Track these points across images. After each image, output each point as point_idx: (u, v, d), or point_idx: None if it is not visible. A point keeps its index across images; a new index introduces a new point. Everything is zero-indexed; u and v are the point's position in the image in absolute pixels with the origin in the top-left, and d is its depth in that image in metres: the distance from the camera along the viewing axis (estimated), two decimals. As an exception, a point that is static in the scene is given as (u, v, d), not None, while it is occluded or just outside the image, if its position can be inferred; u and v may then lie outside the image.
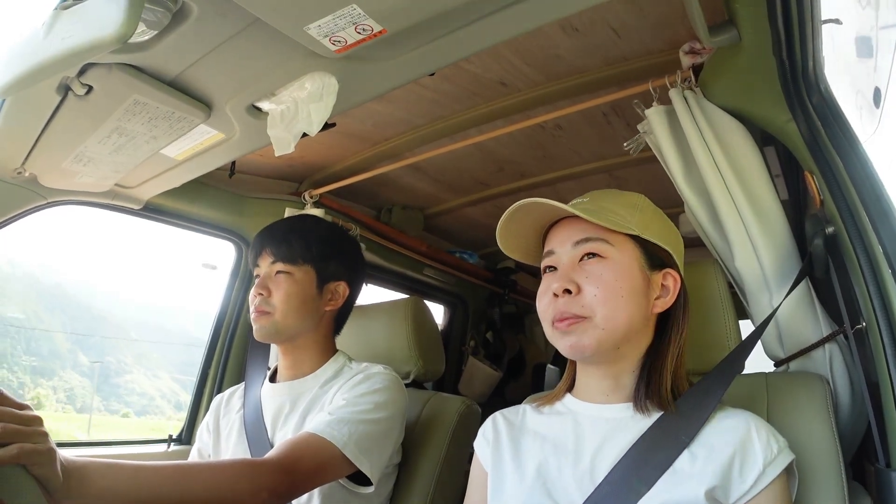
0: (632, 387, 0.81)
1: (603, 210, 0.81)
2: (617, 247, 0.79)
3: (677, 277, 0.82)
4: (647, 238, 0.81)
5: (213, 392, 1.64)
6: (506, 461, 0.85)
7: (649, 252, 0.81)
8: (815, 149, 0.92)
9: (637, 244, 0.81)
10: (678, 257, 0.85)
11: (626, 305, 0.77)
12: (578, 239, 0.81)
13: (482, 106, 1.39)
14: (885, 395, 0.80)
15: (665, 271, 0.82)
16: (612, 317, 0.76)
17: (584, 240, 0.80)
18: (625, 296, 0.77)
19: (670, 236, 0.85)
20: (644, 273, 0.80)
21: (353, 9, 0.71)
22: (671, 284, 0.82)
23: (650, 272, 0.81)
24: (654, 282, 0.81)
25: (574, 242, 0.81)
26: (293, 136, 0.97)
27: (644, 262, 0.80)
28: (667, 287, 0.81)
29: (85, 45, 0.67)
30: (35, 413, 0.69)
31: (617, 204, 0.83)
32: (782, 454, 0.72)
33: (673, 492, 0.70)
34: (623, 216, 0.81)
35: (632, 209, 0.83)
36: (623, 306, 0.77)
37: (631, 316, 0.77)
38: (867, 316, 0.84)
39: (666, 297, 0.81)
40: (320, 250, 1.20)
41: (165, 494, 0.78)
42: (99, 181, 1.25)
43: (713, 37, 0.93)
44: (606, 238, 0.79)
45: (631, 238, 0.81)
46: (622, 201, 0.84)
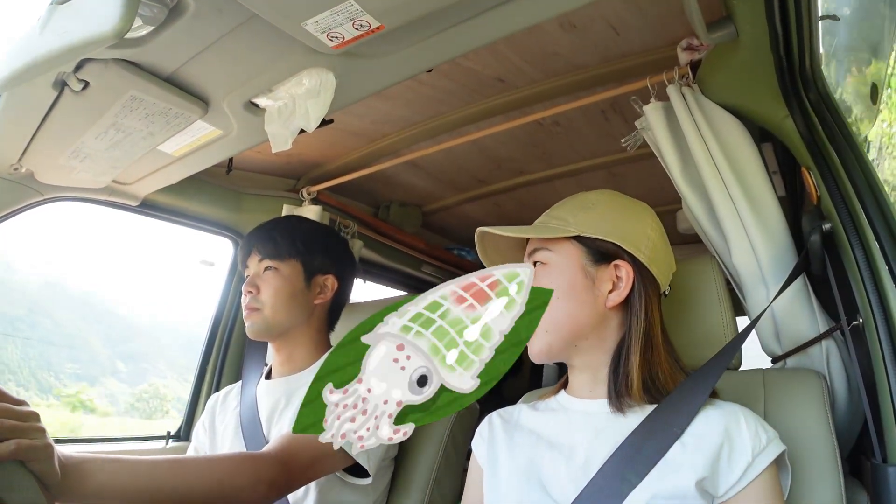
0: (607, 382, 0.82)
1: (550, 220, 0.87)
2: (556, 251, 0.84)
3: (629, 267, 0.82)
4: (587, 235, 0.83)
5: (211, 390, 1.64)
6: (501, 458, 0.86)
7: (593, 249, 0.83)
8: (812, 145, 0.92)
9: (578, 244, 0.83)
10: (637, 246, 0.83)
11: (564, 305, 0.80)
12: (529, 252, 0.87)
13: (480, 103, 1.38)
14: (882, 391, 0.80)
15: (614, 263, 0.82)
16: (552, 318, 0.80)
17: (532, 252, 0.86)
18: (559, 296, 0.79)
19: (625, 228, 0.84)
20: (585, 270, 0.82)
21: (351, 5, 0.71)
22: (623, 275, 0.82)
23: (595, 268, 0.82)
24: (601, 276, 0.82)
25: (527, 256, 0.88)
26: (290, 133, 0.96)
27: (587, 260, 0.82)
28: (619, 278, 0.82)
29: (81, 40, 0.66)
30: (32, 409, 0.69)
31: (565, 209, 0.88)
32: (772, 445, 0.72)
33: (664, 482, 0.71)
34: (565, 220, 0.85)
35: (579, 210, 0.86)
36: (560, 306, 0.80)
37: (572, 314, 0.81)
38: (864, 312, 0.85)
39: (619, 288, 0.82)
40: (305, 244, 1.22)
41: (163, 488, 0.78)
42: (96, 177, 1.24)
43: (711, 33, 0.93)
44: (547, 246, 0.85)
45: (572, 240, 0.84)
46: (572, 204, 0.88)
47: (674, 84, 1.05)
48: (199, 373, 1.69)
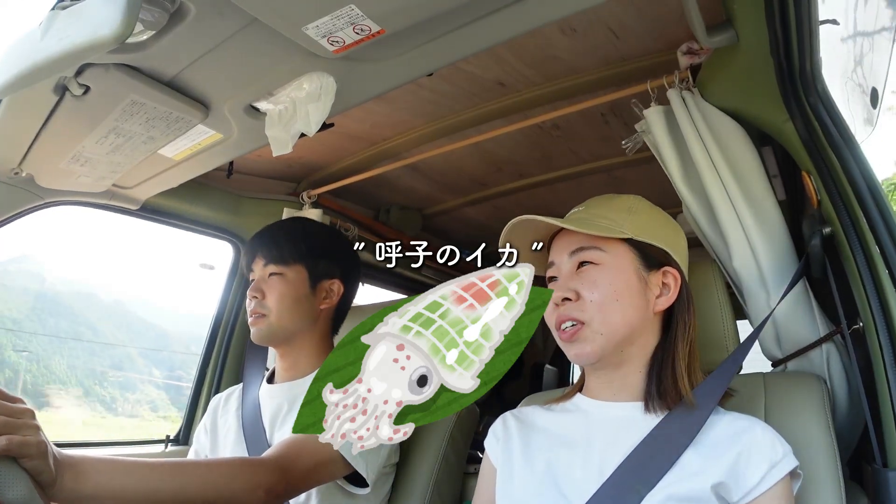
0: (640, 386, 0.82)
1: (595, 218, 0.85)
2: (610, 252, 0.82)
3: (677, 275, 0.83)
4: (641, 240, 0.83)
5: (211, 393, 1.64)
6: (515, 457, 0.86)
7: (645, 253, 0.83)
8: (812, 149, 0.92)
9: (631, 247, 0.83)
10: (678, 255, 0.85)
11: (622, 308, 0.79)
12: (573, 249, 0.84)
13: (480, 106, 1.39)
14: (882, 395, 0.80)
15: (664, 269, 0.83)
16: (609, 321, 0.79)
17: (578, 249, 0.83)
18: (619, 299, 0.79)
19: (668, 235, 0.86)
20: (640, 274, 0.82)
21: (352, 9, 0.71)
22: (671, 282, 0.83)
23: (647, 272, 0.82)
24: (652, 281, 0.82)
25: (570, 252, 0.84)
26: (291, 137, 0.97)
27: (640, 264, 0.82)
28: (667, 285, 0.83)
29: (82, 45, 0.66)
30: (27, 406, 0.69)
31: (610, 209, 0.86)
32: (787, 458, 0.73)
33: (679, 486, 0.72)
34: (615, 221, 0.84)
35: (625, 213, 0.85)
36: (619, 309, 0.79)
37: (628, 318, 0.80)
38: (864, 316, 0.85)
39: (667, 294, 0.83)
40: (310, 249, 1.21)
41: (161, 491, 0.78)
42: (96, 181, 1.24)
43: (711, 37, 0.94)
44: (599, 245, 0.82)
45: (625, 242, 0.83)
46: (616, 206, 0.87)
47: (674, 88, 1.05)
48: (199, 376, 1.69)
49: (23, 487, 0.63)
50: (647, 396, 0.81)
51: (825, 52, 0.91)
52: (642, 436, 0.77)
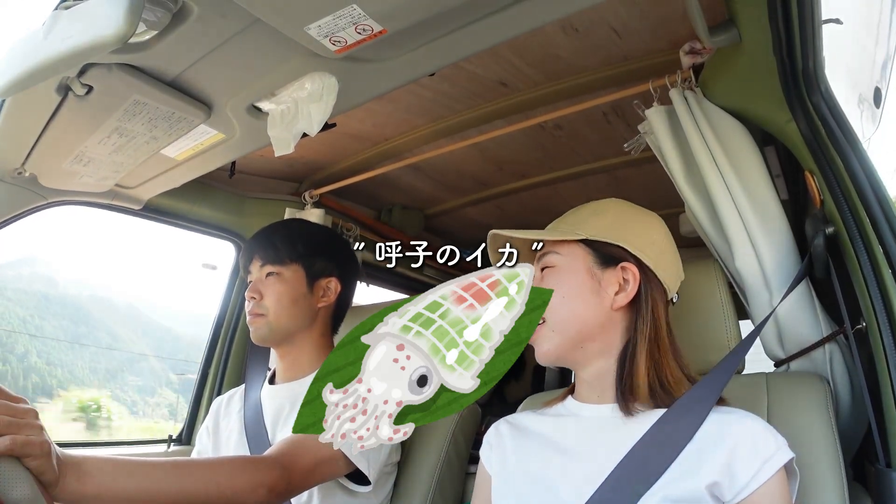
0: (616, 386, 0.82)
1: (559, 225, 0.89)
2: (564, 255, 0.85)
3: (636, 270, 0.83)
4: (595, 239, 0.84)
5: (213, 394, 1.64)
6: (509, 463, 0.86)
7: (600, 252, 0.84)
8: (815, 149, 0.92)
9: (586, 247, 0.85)
10: (644, 251, 0.84)
11: (572, 306, 0.81)
12: (538, 257, 0.88)
13: (482, 106, 1.39)
14: (886, 396, 0.80)
15: (621, 265, 0.83)
16: (560, 319, 0.81)
17: (541, 256, 0.87)
18: (566, 296, 0.81)
19: (633, 232, 0.85)
20: (592, 272, 0.83)
21: (354, 9, 0.72)
22: (630, 278, 0.83)
23: (602, 270, 0.83)
24: (608, 279, 0.83)
25: (536, 260, 0.88)
26: (293, 137, 0.97)
27: (593, 262, 0.84)
28: (626, 281, 0.83)
29: (85, 45, 0.67)
30: (30, 406, 0.69)
31: (577, 217, 0.89)
32: (780, 451, 0.72)
33: (674, 487, 0.71)
34: (576, 224, 0.86)
35: (590, 216, 0.88)
36: (568, 307, 0.81)
37: (579, 315, 0.81)
38: (867, 316, 0.84)
39: (626, 290, 0.82)
40: (306, 248, 1.21)
41: (163, 490, 0.78)
42: (99, 181, 1.25)
43: (713, 37, 0.93)
44: (554, 249, 0.86)
45: (580, 243, 0.85)
46: (584, 211, 0.90)
47: (676, 88, 1.05)
48: (201, 376, 1.69)
49: (26, 487, 0.63)
50: (617, 396, 0.81)
51: (828, 52, 0.91)
52: (635, 437, 0.76)
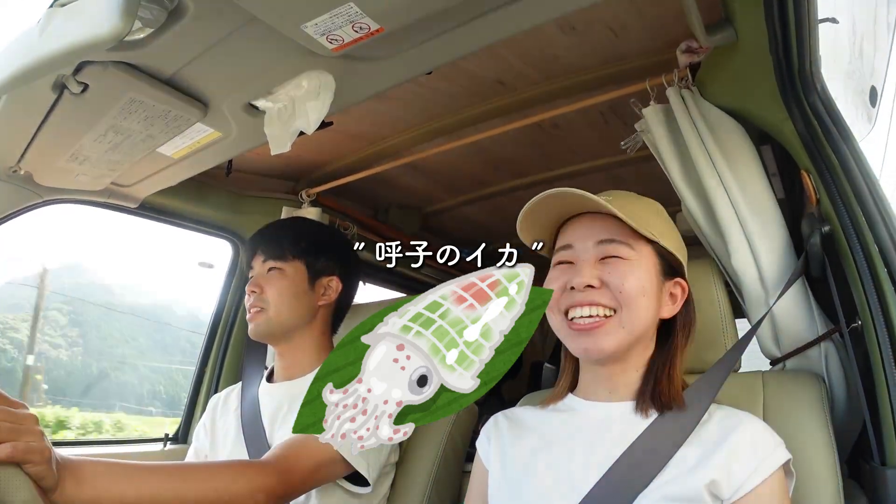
0: (635, 386, 0.82)
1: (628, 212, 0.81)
2: (637, 251, 0.81)
3: (685, 286, 0.84)
4: (663, 245, 0.82)
5: (210, 391, 1.64)
6: (507, 458, 0.86)
7: (665, 260, 0.83)
8: (811, 147, 0.92)
9: (655, 251, 0.82)
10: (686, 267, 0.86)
11: (647, 306, 0.79)
12: (602, 238, 0.81)
13: (480, 105, 1.38)
14: (880, 394, 0.80)
15: (675, 280, 0.84)
16: (634, 317, 0.78)
17: (607, 240, 0.81)
18: (645, 297, 0.79)
19: (680, 246, 0.87)
20: (659, 279, 0.82)
21: (351, 7, 0.71)
22: (679, 293, 0.84)
23: (664, 279, 0.83)
24: (665, 288, 0.83)
25: (597, 241, 0.81)
26: (290, 135, 0.96)
27: (660, 269, 0.82)
28: (674, 295, 0.83)
29: (81, 43, 0.66)
30: (30, 412, 0.69)
31: (639, 208, 0.85)
32: (778, 451, 0.73)
33: (673, 485, 0.71)
34: (645, 220, 0.81)
35: (654, 216, 0.86)
36: (643, 307, 0.79)
37: (648, 317, 0.80)
38: (863, 314, 0.85)
39: (672, 304, 0.83)
40: (309, 245, 1.22)
41: (162, 494, 0.78)
42: (95, 180, 1.24)
43: (710, 36, 0.94)
44: (629, 242, 0.80)
45: (650, 244, 0.82)
46: (644, 206, 0.86)
47: (673, 87, 1.05)
48: (198, 374, 1.69)
49: (26, 493, 0.63)
50: (639, 397, 0.81)
51: (824, 51, 0.91)
52: (635, 435, 0.77)
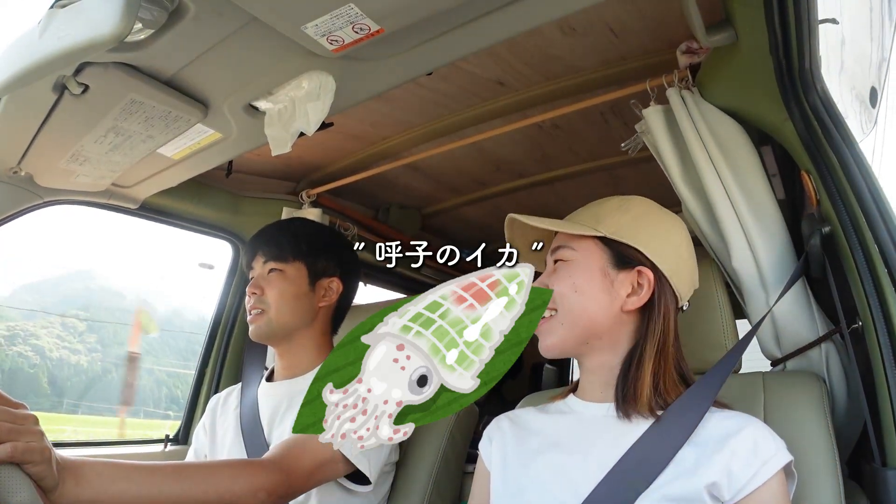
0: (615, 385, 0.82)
1: (581, 217, 0.88)
2: (579, 251, 0.84)
3: (651, 276, 0.82)
4: (613, 238, 0.83)
5: (210, 392, 1.64)
6: (509, 460, 0.86)
7: (617, 252, 0.84)
8: (811, 148, 0.92)
9: (603, 246, 0.84)
10: (660, 258, 0.83)
11: (582, 301, 0.82)
12: (553, 248, 0.88)
13: (480, 105, 1.39)
14: (881, 395, 0.80)
15: (637, 269, 0.83)
16: (569, 311, 0.82)
17: (555, 248, 0.87)
18: (578, 292, 0.82)
19: (652, 237, 0.84)
20: (606, 271, 0.83)
21: (351, 8, 0.71)
22: (645, 282, 0.82)
23: (616, 270, 0.83)
24: (622, 280, 0.82)
25: (550, 252, 0.88)
26: (290, 136, 0.97)
27: (608, 262, 0.83)
28: (641, 285, 0.83)
29: (81, 44, 0.66)
30: (30, 412, 0.69)
31: (600, 209, 0.88)
32: (780, 453, 0.72)
33: (673, 485, 0.71)
34: (597, 221, 0.85)
35: (614, 211, 0.87)
36: (578, 301, 0.81)
37: (588, 310, 0.81)
38: (863, 315, 0.85)
39: (639, 294, 0.82)
40: (310, 247, 1.22)
41: (162, 494, 0.78)
42: (95, 180, 1.24)
43: (710, 36, 0.94)
44: (570, 245, 0.85)
45: (597, 240, 0.84)
46: (607, 206, 0.88)
47: (673, 87, 1.05)
48: (198, 375, 1.69)
49: (26, 493, 0.63)
50: (616, 399, 0.81)
51: (825, 51, 0.91)
52: (634, 435, 0.76)
